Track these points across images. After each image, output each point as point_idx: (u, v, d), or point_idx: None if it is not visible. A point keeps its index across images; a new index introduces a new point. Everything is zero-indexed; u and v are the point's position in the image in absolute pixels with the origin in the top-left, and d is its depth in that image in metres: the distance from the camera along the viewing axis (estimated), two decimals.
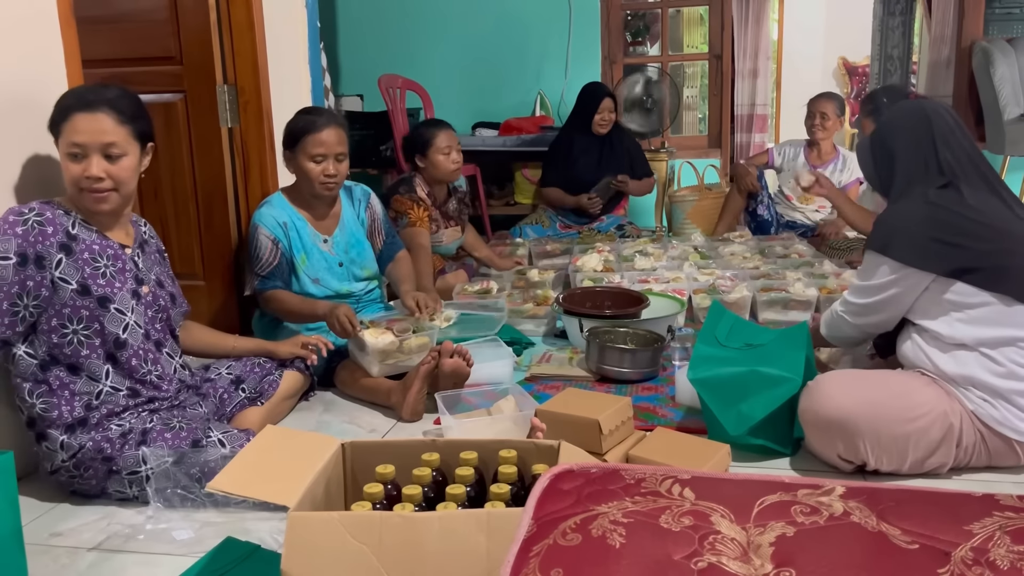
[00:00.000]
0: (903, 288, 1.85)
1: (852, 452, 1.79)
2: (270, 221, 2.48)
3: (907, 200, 1.91)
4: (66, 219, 1.81)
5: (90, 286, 1.81)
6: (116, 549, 1.63)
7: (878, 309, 1.92)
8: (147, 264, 1.97)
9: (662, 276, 3.26)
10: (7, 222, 1.75)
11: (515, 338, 2.77)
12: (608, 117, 4.34)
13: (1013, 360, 1.75)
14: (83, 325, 1.80)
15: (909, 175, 1.92)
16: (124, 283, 1.87)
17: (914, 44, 5.29)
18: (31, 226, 1.74)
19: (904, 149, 1.95)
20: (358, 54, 5.58)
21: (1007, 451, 1.79)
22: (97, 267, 1.83)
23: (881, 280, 1.88)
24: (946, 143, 1.91)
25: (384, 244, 2.75)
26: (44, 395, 1.79)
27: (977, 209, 1.82)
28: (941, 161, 1.89)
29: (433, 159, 3.35)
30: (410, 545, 1.12)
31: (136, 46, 2.87)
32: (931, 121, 1.95)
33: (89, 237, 1.84)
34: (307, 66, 3.22)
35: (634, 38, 6.11)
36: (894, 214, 1.92)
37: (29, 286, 1.74)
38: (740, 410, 1.91)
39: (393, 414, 2.26)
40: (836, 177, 4.11)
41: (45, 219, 1.76)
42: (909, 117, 1.99)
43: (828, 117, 4.06)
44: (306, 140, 2.45)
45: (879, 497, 0.91)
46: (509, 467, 1.32)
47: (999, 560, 0.80)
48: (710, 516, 0.88)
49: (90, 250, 1.83)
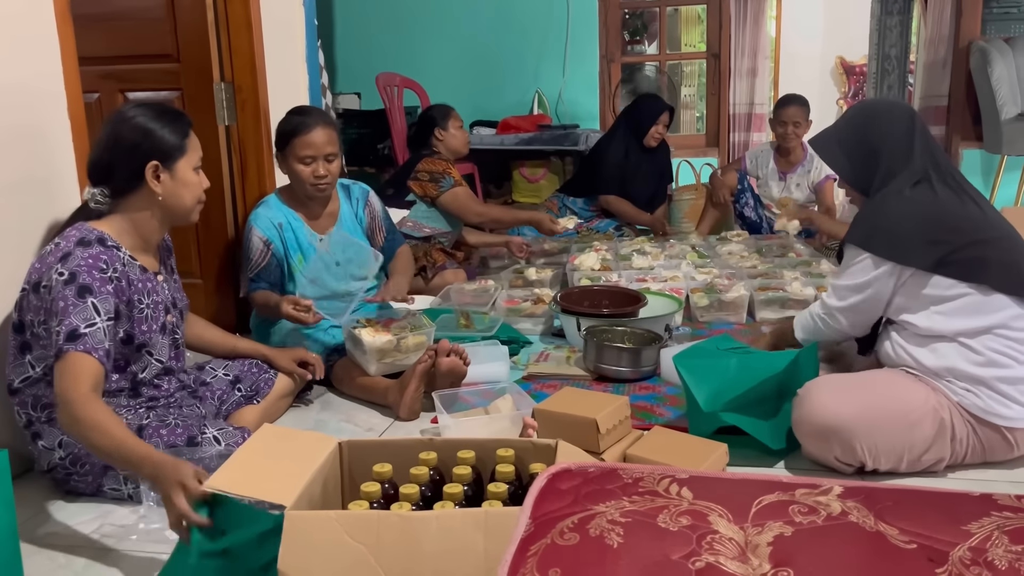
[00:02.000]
0: (886, 285, 1.87)
1: (850, 455, 1.79)
2: (264, 222, 2.48)
3: (886, 197, 1.91)
4: (121, 260, 1.77)
5: (135, 335, 1.80)
6: (110, 548, 1.62)
7: (861, 309, 1.94)
8: (170, 285, 1.96)
9: (660, 275, 3.26)
10: (93, 278, 1.68)
11: (512, 337, 2.76)
12: (662, 131, 4.35)
13: (991, 348, 1.78)
14: (113, 367, 1.79)
15: (893, 170, 1.92)
16: (157, 318, 1.86)
17: (912, 44, 5.29)
18: (116, 284, 1.73)
19: (890, 143, 1.94)
20: (356, 52, 5.57)
21: (999, 442, 1.80)
22: (142, 311, 1.81)
23: (865, 278, 1.89)
24: (924, 139, 1.94)
25: (386, 241, 2.74)
26: (47, 407, 1.79)
27: (951, 204, 1.86)
28: (919, 157, 1.90)
29: (452, 132, 3.64)
30: (407, 544, 1.12)
31: (133, 44, 2.86)
32: (914, 117, 1.98)
33: (136, 275, 1.81)
34: (304, 64, 3.21)
35: (632, 37, 6.11)
36: (875, 212, 1.92)
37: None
38: (717, 389, 1.91)
39: (390, 413, 2.26)
40: (808, 178, 4.14)
41: (120, 273, 1.75)
42: (894, 111, 2.00)
43: (800, 124, 4.07)
44: (295, 142, 2.44)
45: (877, 497, 0.91)
46: (507, 466, 1.31)
47: (997, 560, 0.80)
48: (708, 516, 0.88)
49: (138, 291, 1.80)
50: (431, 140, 3.65)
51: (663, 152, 4.49)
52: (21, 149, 1.95)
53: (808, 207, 4.21)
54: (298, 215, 2.54)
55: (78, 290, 1.67)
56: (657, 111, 4.30)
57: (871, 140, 1.97)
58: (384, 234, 2.74)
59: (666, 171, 4.56)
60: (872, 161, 1.97)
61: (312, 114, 2.51)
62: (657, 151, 4.41)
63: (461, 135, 3.69)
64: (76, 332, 1.64)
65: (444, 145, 3.65)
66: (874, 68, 5.36)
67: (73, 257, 1.70)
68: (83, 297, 1.67)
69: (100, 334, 1.67)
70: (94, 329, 1.66)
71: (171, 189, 1.80)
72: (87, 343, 1.64)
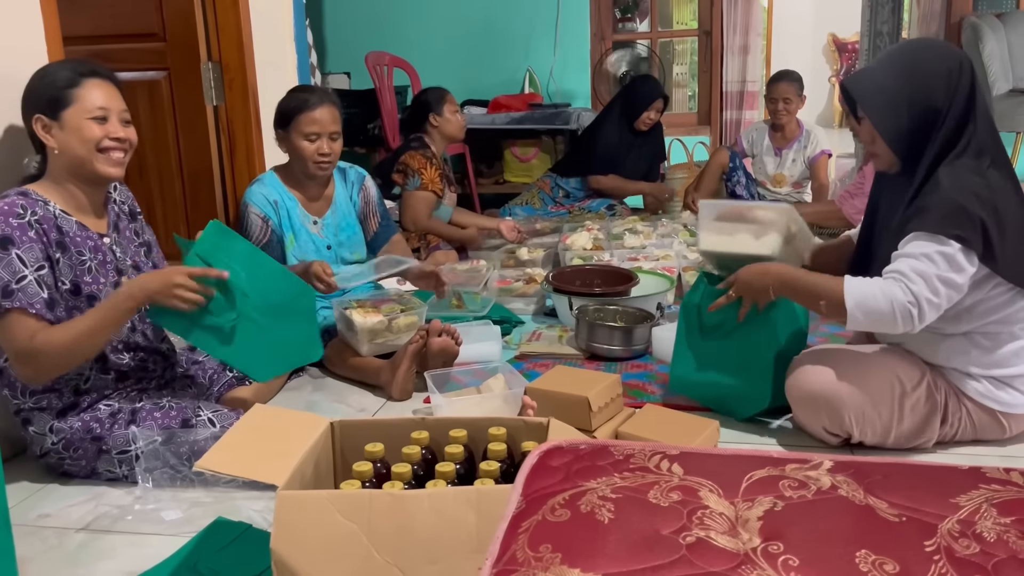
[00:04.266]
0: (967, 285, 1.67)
1: (837, 425, 1.80)
2: (260, 199, 2.46)
3: (969, 179, 1.65)
4: (48, 211, 1.74)
5: (80, 284, 1.76)
6: (105, 530, 1.62)
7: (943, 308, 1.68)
8: (123, 249, 1.90)
9: (651, 254, 3.26)
10: (11, 226, 1.65)
11: (505, 317, 2.76)
12: (655, 117, 4.33)
13: (1001, 340, 1.74)
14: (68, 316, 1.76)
15: (950, 139, 1.68)
16: (107, 276, 1.82)
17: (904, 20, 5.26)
18: (37, 229, 1.69)
19: (955, 108, 1.67)
20: (345, 31, 5.52)
21: (992, 424, 1.80)
22: (84, 262, 1.78)
23: (962, 279, 1.64)
24: (983, 102, 1.69)
25: (379, 227, 2.72)
26: (34, 391, 1.77)
27: (1013, 194, 1.68)
28: (981, 126, 1.68)
29: (447, 117, 3.56)
30: (400, 523, 1.12)
31: (118, 22, 2.82)
32: (973, 72, 1.69)
33: (71, 229, 1.77)
34: (293, 43, 3.18)
35: (623, 14, 6.06)
36: (967, 195, 1.63)
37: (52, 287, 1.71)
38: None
39: (382, 393, 2.26)
40: (804, 153, 4.14)
41: (41, 217, 1.71)
42: (957, 64, 1.69)
43: (791, 100, 4.08)
44: (299, 119, 2.42)
45: (866, 471, 0.92)
46: (499, 444, 1.31)
47: (986, 532, 0.80)
48: (698, 491, 0.88)
49: (75, 243, 1.77)
50: (425, 125, 3.58)
51: (656, 132, 4.47)
52: (3, 130, 1.93)
53: (802, 184, 4.23)
54: (294, 195, 2.52)
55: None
56: (652, 97, 4.28)
57: (934, 100, 1.68)
58: (378, 220, 2.73)
59: (659, 151, 4.55)
60: (929, 124, 1.69)
61: (316, 92, 2.49)
62: (650, 130, 4.40)
63: (456, 120, 3.61)
64: (8, 288, 1.63)
65: (439, 131, 3.57)
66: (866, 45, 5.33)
67: None
68: (6, 249, 1.64)
69: (32, 287, 1.66)
70: (25, 283, 1.65)
71: (63, 141, 1.74)
72: (20, 299, 1.64)
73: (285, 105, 2.47)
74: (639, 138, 4.36)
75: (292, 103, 2.45)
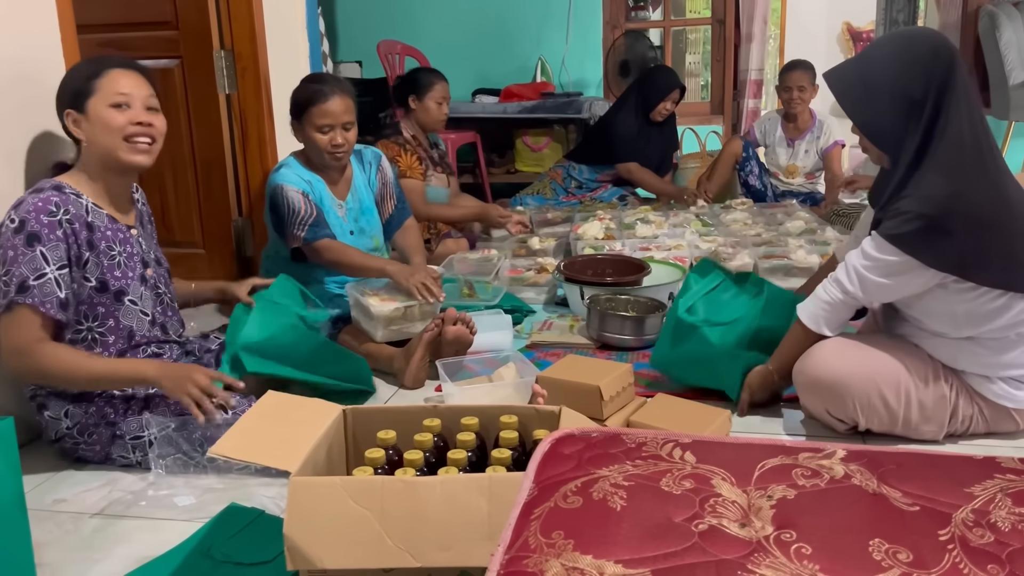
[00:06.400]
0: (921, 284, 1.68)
1: (841, 411, 1.80)
2: (294, 179, 2.42)
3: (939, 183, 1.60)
4: (81, 206, 1.75)
5: (108, 281, 1.78)
6: (119, 515, 1.64)
7: (882, 288, 1.72)
8: (148, 243, 1.94)
9: (663, 244, 3.25)
10: (41, 223, 1.67)
11: (516, 306, 2.76)
12: (671, 108, 4.29)
13: (1012, 343, 1.72)
14: (98, 322, 1.79)
15: (932, 131, 1.62)
16: (134, 270, 1.84)
17: (920, 8, 5.21)
18: (66, 228, 1.70)
19: (935, 96, 1.60)
20: (356, 19, 5.51)
21: (1006, 418, 1.79)
22: (113, 257, 1.79)
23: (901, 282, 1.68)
24: (968, 94, 1.62)
25: (395, 209, 2.70)
26: None
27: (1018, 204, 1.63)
28: (966, 118, 1.61)
29: (427, 105, 3.39)
30: (412, 509, 1.12)
31: (131, 10, 2.83)
32: (960, 62, 1.63)
33: (102, 223, 1.79)
34: (305, 32, 3.17)
35: (636, 3, 6.02)
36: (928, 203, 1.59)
37: (75, 288, 1.73)
38: None
39: (395, 381, 2.27)
40: (816, 144, 4.11)
41: (73, 216, 1.72)
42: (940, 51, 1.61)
43: (805, 89, 4.03)
44: (312, 110, 2.40)
45: (880, 460, 0.91)
46: (510, 432, 1.32)
47: (1000, 522, 0.80)
48: (711, 479, 0.88)
49: (106, 239, 1.79)
50: (406, 105, 3.44)
51: (670, 121, 4.45)
52: (19, 119, 1.94)
53: (814, 175, 4.20)
54: (320, 177, 2.52)
55: (27, 238, 1.66)
56: (669, 87, 4.25)
57: (911, 90, 1.61)
58: (394, 202, 2.71)
59: (672, 140, 4.53)
60: (911, 117, 1.63)
61: (329, 82, 2.46)
62: (664, 120, 4.38)
63: (437, 111, 3.39)
64: (25, 284, 1.65)
65: (414, 116, 3.42)
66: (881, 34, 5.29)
67: (24, 204, 1.69)
68: (31, 246, 1.66)
69: (50, 285, 1.67)
70: (43, 280, 1.66)
71: (90, 132, 1.76)
72: (35, 296, 1.65)
73: (298, 96, 2.46)
74: (656, 124, 4.34)
75: (305, 94, 2.44)
